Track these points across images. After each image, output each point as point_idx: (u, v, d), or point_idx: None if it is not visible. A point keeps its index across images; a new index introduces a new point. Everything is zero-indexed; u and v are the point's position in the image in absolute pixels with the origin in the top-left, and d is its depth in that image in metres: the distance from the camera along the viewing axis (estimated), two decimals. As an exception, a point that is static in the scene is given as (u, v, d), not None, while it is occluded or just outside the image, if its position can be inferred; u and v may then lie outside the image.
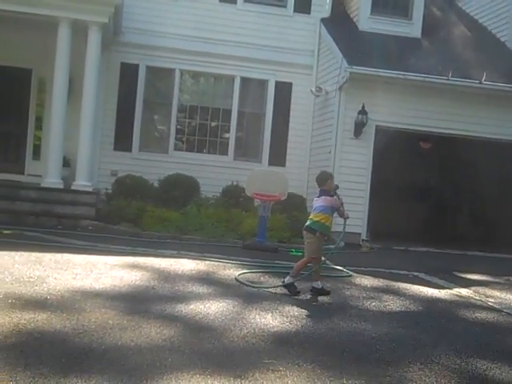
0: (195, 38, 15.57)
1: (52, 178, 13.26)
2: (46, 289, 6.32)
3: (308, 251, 7.55)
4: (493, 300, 8.21)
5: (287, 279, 7.43)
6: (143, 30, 15.31)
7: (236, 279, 7.97)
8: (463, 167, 16.67)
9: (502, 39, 17.01)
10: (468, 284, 9.43)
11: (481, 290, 9.01)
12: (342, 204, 7.55)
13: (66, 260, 8.20)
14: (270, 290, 7.52)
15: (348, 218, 7.67)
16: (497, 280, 10.37)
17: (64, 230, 11.89)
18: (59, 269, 7.51)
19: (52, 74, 13.42)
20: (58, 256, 8.43)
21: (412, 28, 16.22)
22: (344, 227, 7.73)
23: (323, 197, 7.49)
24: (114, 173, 14.97)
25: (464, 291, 8.75)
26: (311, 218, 7.53)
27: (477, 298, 8.33)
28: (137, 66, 15.63)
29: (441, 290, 8.62)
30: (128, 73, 15.56)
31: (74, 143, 13.66)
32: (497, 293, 8.86)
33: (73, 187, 13.33)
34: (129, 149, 15.60)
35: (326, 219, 7.44)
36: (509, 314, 7.36)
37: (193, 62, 15.75)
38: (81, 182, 13.39)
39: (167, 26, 15.45)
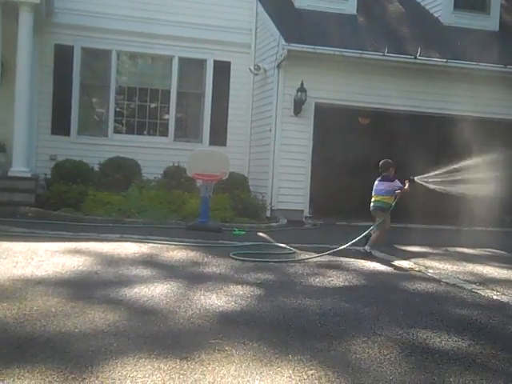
0: (131, 18, 15.32)
1: (-13, 165, 12.93)
2: (-15, 279, 6.18)
3: (384, 225, 9.54)
4: (432, 271, 8.44)
5: (367, 247, 9.35)
6: (76, 10, 14.96)
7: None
8: (402, 142, 16.95)
9: (436, 14, 17.29)
10: (408, 256, 9.68)
11: (420, 261, 9.26)
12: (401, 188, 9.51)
13: (6, 248, 8.02)
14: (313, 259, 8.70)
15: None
16: (435, 251, 10.66)
17: (2, 217, 11.59)
18: (-2, 258, 7.36)
19: (-17, 57, 13.05)
20: (-3, 244, 8.25)
21: (347, 5, 16.32)
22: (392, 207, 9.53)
23: (386, 182, 9.59)
24: (53, 157, 14.68)
25: (405, 263, 8.97)
26: (379, 200, 9.58)
27: (417, 269, 8.55)
28: (71, 47, 15.28)
29: (382, 264, 8.81)
30: (63, 55, 15.20)
31: (9, 128, 13.36)
32: (435, 263, 9.11)
33: (10, 174, 13.01)
34: (67, 133, 15.30)
35: (389, 199, 9.55)
36: (447, 283, 7.58)
37: (129, 42, 15.51)
38: (18, 168, 13.08)
39: (101, 6, 15.14)
